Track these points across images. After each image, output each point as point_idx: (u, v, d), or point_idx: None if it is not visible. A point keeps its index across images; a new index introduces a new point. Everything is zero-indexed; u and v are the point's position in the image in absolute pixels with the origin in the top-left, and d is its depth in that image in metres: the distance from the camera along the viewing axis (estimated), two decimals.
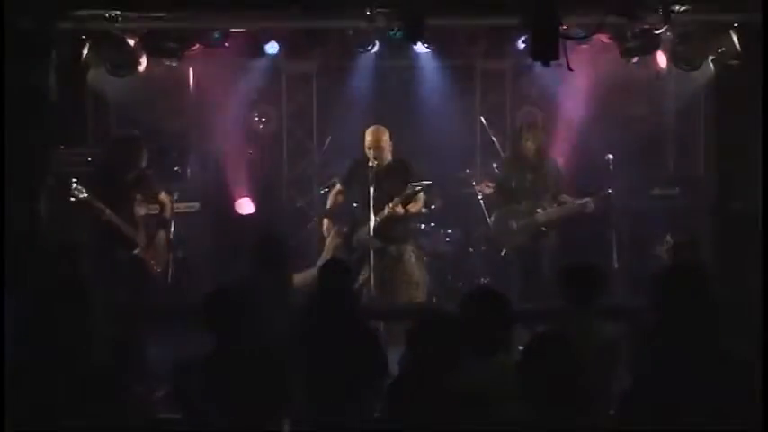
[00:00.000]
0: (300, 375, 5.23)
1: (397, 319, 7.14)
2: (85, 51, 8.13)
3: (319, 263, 7.33)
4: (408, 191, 7.86)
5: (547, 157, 8.58)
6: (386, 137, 8.09)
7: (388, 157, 8.11)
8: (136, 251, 8.04)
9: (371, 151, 8.01)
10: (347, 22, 8.27)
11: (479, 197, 9.28)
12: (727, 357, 3.92)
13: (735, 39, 7.98)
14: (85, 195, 7.74)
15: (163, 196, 8.26)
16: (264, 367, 4.56)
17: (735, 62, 8.12)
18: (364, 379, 5.25)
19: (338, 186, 8.42)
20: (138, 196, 8.09)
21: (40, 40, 7.36)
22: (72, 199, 7.71)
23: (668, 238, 6.81)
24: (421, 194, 8.01)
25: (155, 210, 8.22)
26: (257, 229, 8.79)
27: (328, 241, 8.33)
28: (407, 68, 9.86)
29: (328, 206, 8.44)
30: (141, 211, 8.12)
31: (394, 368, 5.26)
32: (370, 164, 7.96)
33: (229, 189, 9.93)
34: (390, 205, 7.87)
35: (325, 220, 8.37)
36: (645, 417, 3.86)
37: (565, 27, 6.95)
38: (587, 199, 8.29)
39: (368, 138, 8.08)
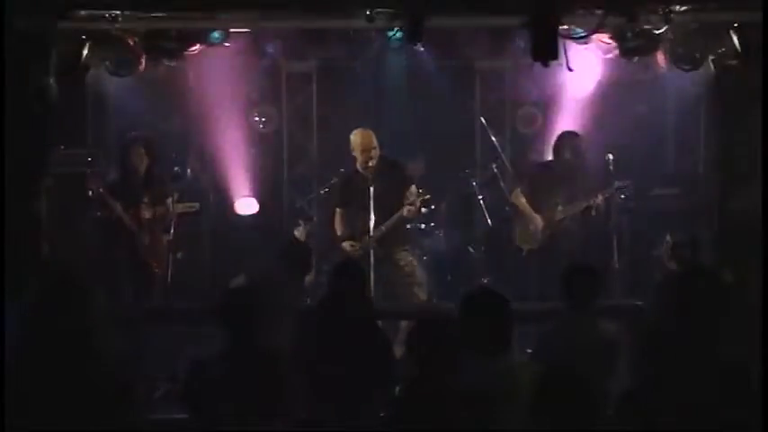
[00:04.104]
0: (309, 375, 5.23)
1: (397, 319, 7.14)
2: (85, 51, 8.12)
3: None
4: (411, 198, 7.83)
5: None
6: (374, 139, 8.03)
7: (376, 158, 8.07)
8: (138, 252, 8.06)
9: (365, 154, 7.95)
10: (347, 22, 8.26)
11: (480, 197, 9.26)
12: (729, 359, 3.92)
13: (735, 39, 7.98)
14: (102, 190, 7.92)
15: (169, 200, 8.22)
16: (274, 367, 4.57)
17: (735, 62, 8.12)
18: (374, 380, 5.24)
19: (338, 211, 8.26)
20: (146, 198, 8.10)
21: (40, 40, 7.35)
22: (90, 193, 7.90)
23: (668, 237, 6.81)
24: (414, 190, 7.95)
25: (162, 210, 8.21)
26: (257, 229, 8.79)
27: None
28: (407, 68, 9.86)
29: (339, 233, 8.22)
30: (147, 213, 8.13)
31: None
32: (370, 164, 7.94)
33: (229, 189, 9.93)
34: (408, 204, 7.78)
35: (345, 244, 8.19)
36: (645, 417, 3.86)
37: (565, 27, 6.97)
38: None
39: (359, 142, 8.01)
